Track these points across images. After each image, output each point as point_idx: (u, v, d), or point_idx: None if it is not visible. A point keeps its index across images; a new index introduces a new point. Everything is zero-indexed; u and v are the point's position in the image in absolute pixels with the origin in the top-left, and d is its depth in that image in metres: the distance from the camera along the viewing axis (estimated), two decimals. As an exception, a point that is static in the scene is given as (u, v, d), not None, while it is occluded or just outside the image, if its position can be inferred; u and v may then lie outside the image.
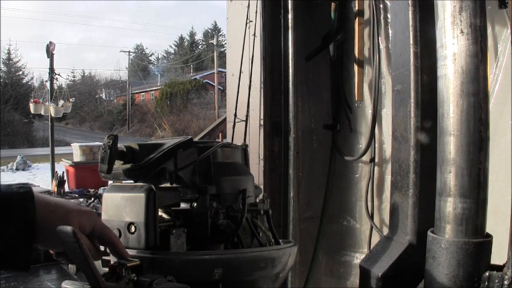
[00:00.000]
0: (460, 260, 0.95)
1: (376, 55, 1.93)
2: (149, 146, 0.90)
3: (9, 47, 32.61)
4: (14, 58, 32.58)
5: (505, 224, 0.96)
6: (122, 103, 35.25)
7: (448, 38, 0.98)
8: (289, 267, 0.95)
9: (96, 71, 70.19)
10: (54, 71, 8.55)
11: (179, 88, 29.84)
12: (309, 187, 2.29)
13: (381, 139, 2.00)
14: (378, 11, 1.93)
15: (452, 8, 0.97)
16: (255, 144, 2.23)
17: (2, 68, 31.74)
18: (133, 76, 36.49)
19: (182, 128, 25.54)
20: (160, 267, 0.74)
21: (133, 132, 30.38)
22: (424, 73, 1.24)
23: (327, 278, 2.24)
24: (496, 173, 1.26)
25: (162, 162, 0.87)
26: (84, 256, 0.57)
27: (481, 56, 0.95)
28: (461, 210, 0.96)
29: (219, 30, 38.78)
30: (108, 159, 0.84)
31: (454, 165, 0.97)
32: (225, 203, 0.91)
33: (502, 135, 1.38)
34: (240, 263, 0.82)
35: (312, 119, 2.31)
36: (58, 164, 8.00)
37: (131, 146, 0.89)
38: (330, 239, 2.22)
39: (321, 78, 2.24)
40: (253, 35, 2.20)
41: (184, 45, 43.46)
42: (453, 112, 0.97)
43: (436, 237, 1.00)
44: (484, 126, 0.95)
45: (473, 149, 0.95)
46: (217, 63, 25.04)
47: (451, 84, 0.98)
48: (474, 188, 0.95)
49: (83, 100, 36.00)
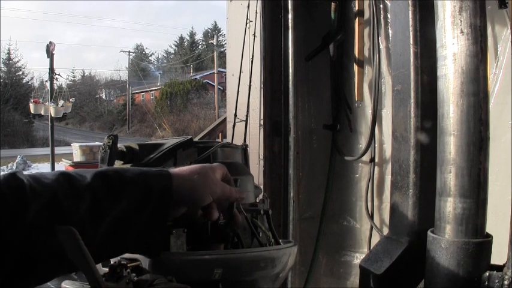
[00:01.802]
0: (460, 260, 0.95)
1: (376, 55, 1.93)
2: (149, 146, 0.90)
3: (9, 47, 32.67)
4: (14, 58, 32.64)
5: (505, 224, 0.96)
6: (122, 103, 35.26)
7: (448, 38, 0.98)
8: (289, 267, 0.95)
9: (96, 71, 70.29)
10: (54, 71, 8.56)
11: (179, 88, 29.84)
12: (309, 187, 2.29)
13: (381, 139, 2.00)
14: (378, 11, 1.93)
15: (452, 8, 0.97)
16: (255, 144, 2.23)
17: (2, 68, 31.78)
18: (133, 76, 36.49)
19: (182, 128, 25.54)
20: (160, 267, 0.74)
21: (133, 132, 30.39)
22: (424, 73, 1.24)
23: (327, 278, 2.24)
24: (496, 173, 1.26)
25: (162, 162, 0.87)
26: (84, 256, 0.57)
27: (481, 56, 0.95)
28: (461, 210, 0.96)
29: (219, 30, 38.82)
30: (108, 159, 0.84)
31: (454, 165, 0.97)
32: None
33: (502, 135, 1.38)
34: (240, 263, 0.82)
35: (312, 119, 2.31)
36: (58, 164, 8.01)
37: (131, 146, 0.89)
38: (330, 239, 2.22)
39: (321, 78, 2.24)
40: (253, 35, 2.20)
41: (184, 45, 43.47)
42: (453, 112, 0.97)
43: (436, 237, 1.00)
44: (484, 126, 0.95)
45: (473, 149, 0.95)
46: (217, 63, 25.05)
47: (451, 84, 0.98)
48: (474, 188, 0.95)
49: (83, 100, 36.02)
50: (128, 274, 0.65)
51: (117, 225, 0.65)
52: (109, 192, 0.65)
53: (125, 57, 49.67)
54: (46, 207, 0.59)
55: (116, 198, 0.66)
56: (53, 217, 0.60)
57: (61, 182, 0.63)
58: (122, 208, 0.66)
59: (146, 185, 0.68)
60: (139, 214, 0.67)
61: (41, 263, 0.60)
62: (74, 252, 0.57)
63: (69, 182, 0.63)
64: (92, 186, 0.64)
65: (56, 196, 0.61)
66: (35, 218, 0.58)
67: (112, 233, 0.65)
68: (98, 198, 0.64)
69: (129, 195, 0.67)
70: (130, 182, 0.68)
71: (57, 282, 0.71)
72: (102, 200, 0.64)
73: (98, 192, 0.64)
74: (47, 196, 0.60)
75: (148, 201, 0.68)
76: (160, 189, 0.69)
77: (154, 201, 0.68)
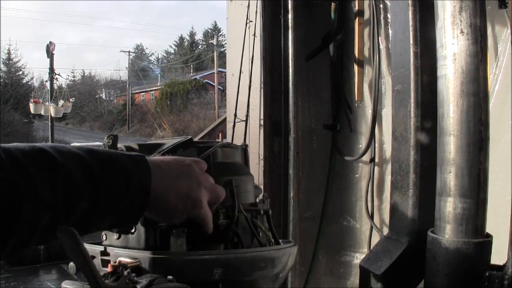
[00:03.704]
0: (460, 260, 0.95)
1: (376, 55, 1.93)
2: (149, 146, 0.90)
3: (9, 47, 32.67)
4: (14, 58, 32.62)
5: (505, 224, 0.96)
6: (122, 103, 35.26)
7: (448, 38, 0.98)
8: (289, 267, 0.95)
9: (96, 71, 70.34)
10: (54, 71, 8.57)
11: (179, 88, 29.84)
12: (309, 187, 2.29)
13: (381, 139, 2.00)
14: (378, 11, 1.93)
15: (452, 8, 0.97)
16: (255, 144, 2.23)
17: (2, 68, 31.78)
18: (133, 76, 36.50)
19: (182, 128, 25.54)
20: (160, 267, 0.74)
21: (133, 132, 30.39)
22: (424, 73, 1.24)
23: (327, 278, 2.24)
24: (496, 173, 1.26)
25: (162, 162, 0.87)
26: (84, 256, 0.57)
27: (481, 56, 0.95)
28: (461, 210, 0.96)
29: (219, 30, 38.83)
30: (108, 159, 0.84)
31: (454, 165, 0.97)
32: (225, 203, 0.91)
33: (502, 135, 1.38)
34: (240, 263, 0.82)
35: (312, 119, 2.31)
36: (58, 164, 8.03)
37: (131, 146, 0.89)
38: (330, 239, 2.22)
39: (321, 78, 2.24)
40: (253, 35, 2.20)
41: (184, 45, 43.48)
42: (453, 112, 0.97)
43: (436, 237, 1.00)
44: (484, 126, 0.95)
45: (473, 149, 0.95)
46: (217, 63, 25.07)
47: (451, 84, 0.98)
48: (474, 188, 0.95)
49: (83, 100, 36.03)
50: (127, 274, 0.65)
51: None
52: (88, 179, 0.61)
53: (125, 57, 49.75)
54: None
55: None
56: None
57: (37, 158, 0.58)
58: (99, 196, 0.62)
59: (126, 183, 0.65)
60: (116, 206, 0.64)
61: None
62: (74, 252, 0.57)
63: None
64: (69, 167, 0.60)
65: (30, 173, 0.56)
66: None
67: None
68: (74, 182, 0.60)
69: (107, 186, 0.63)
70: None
71: (57, 282, 0.71)
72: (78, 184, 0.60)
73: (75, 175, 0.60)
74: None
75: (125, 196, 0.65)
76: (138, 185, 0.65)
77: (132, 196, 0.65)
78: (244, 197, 0.93)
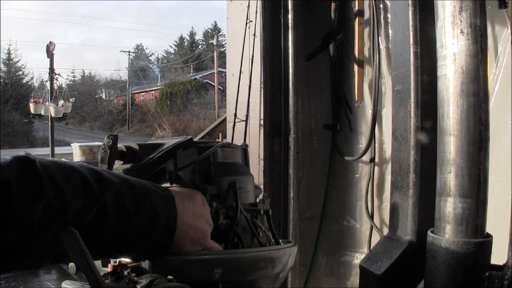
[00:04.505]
0: (460, 260, 0.95)
1: (376, 55, 1.93)
2: (149, 146, 0.90)
3: (9, 47, 32.67)
4: (14, 58, 32.63)
5: (505, 224, 0.96)
6: (122, 103, 35.25)
7: (448, 38, 0.98)
8: (289, 268, 0.95)
9: (96, 71, 70.21)
10: (54, 71, 8.56)
11: (179, 88, 29.84)
12: (309, 187, 2.29)
13: (381, 139, 2.00)
14: (378, 11, 1.93)
15: (452, 8, 0.97)
16: (255, 144, 2.23)
17: (2, 68, 31.77)
18: (133, 76, 36.49)
19: (182, 128, 25.55)
20: (160, 267, 0.74)
21: (133, 132, 30.39)
22: (424, 73, 1.24)
23: (327, 278, 2.24)
24: (496, 173, 1.26)
25: (162, 162, 0.87)
26: (84, 256, 0.57)
27: (481, 56, 0.95)
28: (461, 210, 0.96)
29: (219, 30, 38.80)
30: (108, 159, 0.84)
31: (454, 165, 0.97)
32: (225, 203, 0.91)
33: (502, 135, 1.38)
34: (240, 263, 0.82)
35: (312, 119, 2.31)
36: (58, 164, 8.00)
37: (131, 146, 0.89)
38: (330, 239, 2.22)
39: (321, 78, 2.24)
40: (253, 35, 2.20)
41: (184, 45, 43.47)
42: (453, 112, 0.97)
43: (436, 237, 1.00)
44: (484, 126, 0.95)
45: (473, 149, 0.95)
46: (217, 63, 25.05)
47: (451, 84, 0.98)
48: (474, 188, 0.95)
49: (83, 100, 36.02)
50: (127, 274, 0.65)
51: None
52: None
53: (125, 57, 49.70)
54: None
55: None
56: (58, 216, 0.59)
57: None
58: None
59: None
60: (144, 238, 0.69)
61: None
62: (75, 252, 0.57)
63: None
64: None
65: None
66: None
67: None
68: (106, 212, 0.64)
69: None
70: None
71: (57, 282, 0.72)
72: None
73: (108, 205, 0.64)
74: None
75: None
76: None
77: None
78: (244, 197, 0.93)
